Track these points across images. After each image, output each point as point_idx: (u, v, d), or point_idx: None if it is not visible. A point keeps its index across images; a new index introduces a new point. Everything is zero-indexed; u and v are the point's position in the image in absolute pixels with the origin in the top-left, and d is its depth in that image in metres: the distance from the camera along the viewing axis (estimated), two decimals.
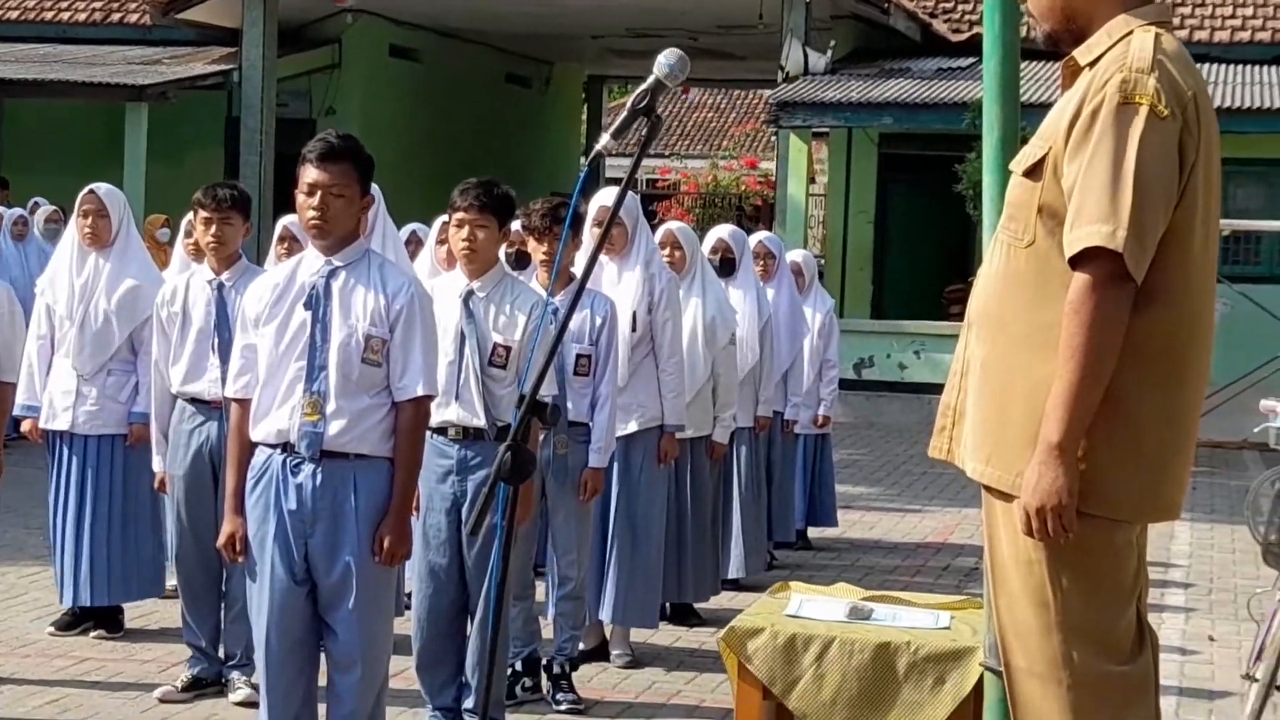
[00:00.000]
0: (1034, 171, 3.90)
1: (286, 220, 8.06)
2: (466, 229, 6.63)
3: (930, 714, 4.97)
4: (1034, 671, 3.92)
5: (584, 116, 33.23)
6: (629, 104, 4.06)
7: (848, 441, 17.10)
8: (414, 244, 9.63)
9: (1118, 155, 3.72)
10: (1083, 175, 3.75)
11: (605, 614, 8.10)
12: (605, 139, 4.06)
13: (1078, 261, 3.74)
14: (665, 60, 4.03)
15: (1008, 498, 3.89)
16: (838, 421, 13.69)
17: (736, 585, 9.78)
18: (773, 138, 25.18)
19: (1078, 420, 3.73)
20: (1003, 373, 3.92)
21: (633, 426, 8.06)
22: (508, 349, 6.61)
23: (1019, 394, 3.87)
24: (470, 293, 6.67)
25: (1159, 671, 4.05)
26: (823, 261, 21.96)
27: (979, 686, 4.64)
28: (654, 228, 8.91)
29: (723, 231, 10.18)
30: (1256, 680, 6.35)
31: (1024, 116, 4.41)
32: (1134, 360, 3.79)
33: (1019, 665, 3.96)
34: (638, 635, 8.36)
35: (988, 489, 3.97)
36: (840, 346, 12.21)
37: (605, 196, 8.23)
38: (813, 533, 11.64)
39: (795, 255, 11.64)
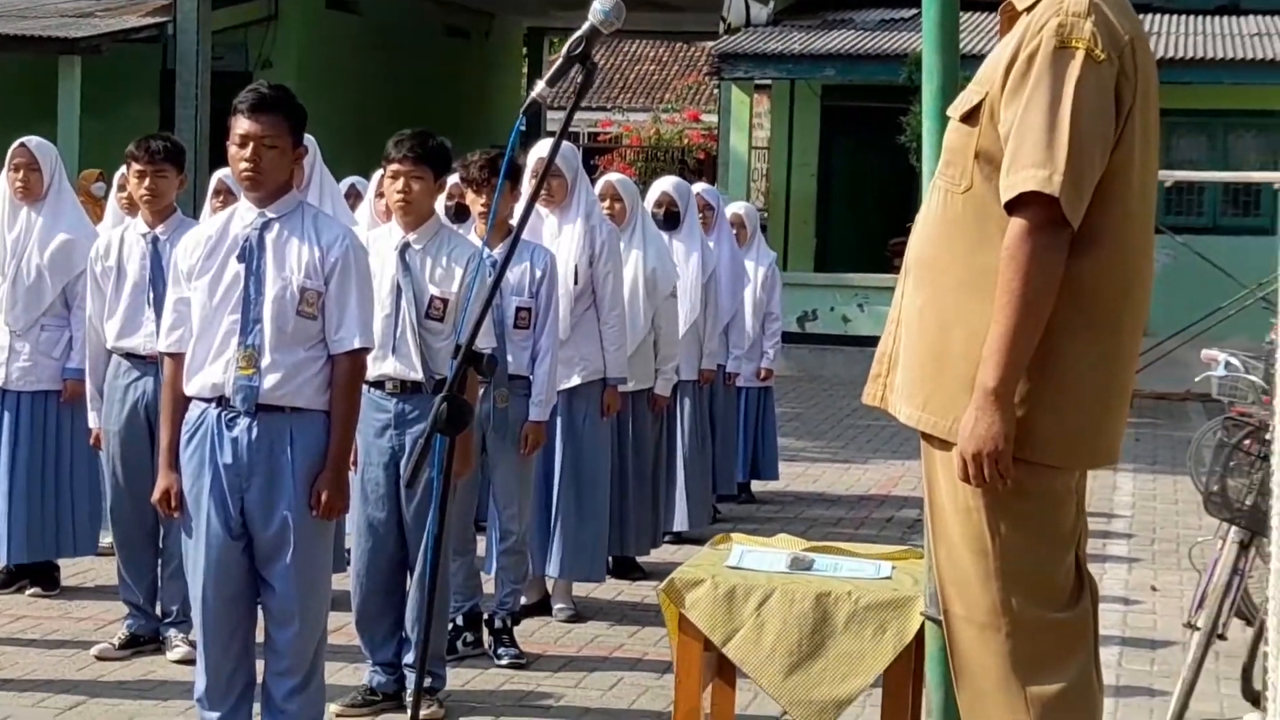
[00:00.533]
0: (971, 117, 3.87)
1: (221, 173, 7.98)
2: (401, 181, 6.57)
3: (871, 663, 4.95)
4: (973, 619, 3.91)
5: (525, 69, 33.07)
6: (564, 51, 4.00)
7: (791, 394, 17.12)
8: (353, 197, 9.56)
9: (1054, 100, 3.70)
10: (1019, 120, 3.73)
11: (552, 568, 8.07)
12: (540, 86, 4.00)
13: (1014, 206, 3.72)
14: (600, 6, 3.97)
15: (946, 445, 3.87)
16: (781, 374, 13.69)
17: (680, 538, 9.77)
18: (715, 90, 25.12)
19: (1014, 365, 3.71)
20: (940, 319, 3.89)
21: (575, 380, 8.04)
22: (445, 301, 6.55)
23: (956, 340, 3.85)
24: (406, 245, 6.61)
25: (1098, 618, 4.04)
26: (766, 215, 21.93)
27: (920, 636, 4.63)
28: (595, 181, 8.87)
29: (666, 184, 10.13)
30: (1198, 629, 6.37)
31: (964, 67, 4.38)
32: (1070, 306, 3.77)
33: (958, 613, 3.94)
34: (580, 589, 8.34)
35: (925, 436, 3.95)
36: (783, 299, 12.21)
37: (544, 148, 8.16)
38: (756, 486, 11.64)
39: (736, 208, 11.61)
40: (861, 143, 22.16)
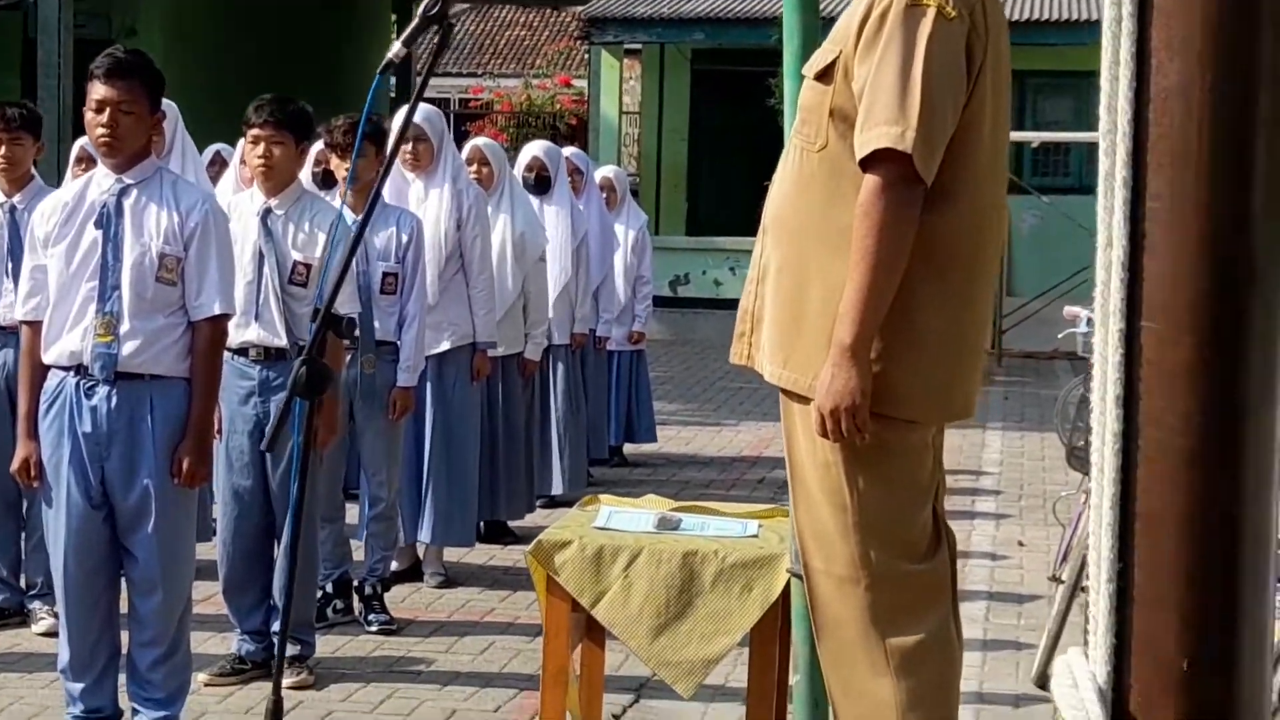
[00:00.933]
0: (825, 75, 3.89)
1: (82, 141, 7.85)
2: (262, 146, 6.51)
3: (738, 621, 4.98)
4: (832, 573, 3.94)
5: (394, 34, 32.84)
6: (419, 11, 3.97)
7: (664, 358, 17.17)
8: (219, 164, 9.47)
9: (906, 57, 3.73)
10: (872, 78, 3.75)
11: (423, 534, 8.06)
12: (396, 47, 3.97)
13: (868, 164, 3.75)
14: None
15: (805, 401, 3.90)
16: (654, 338, 13.74)
17: (554, 502, 9.78)
18: (585, 55, 25.09)
19: (870, 322, 3.75)
20: (798, 276, 3.92)
21: (444, 345, 8.01)
22: (308, 267, 6.51)
23: (814, 297, 3.88)
24: (268, 211, 6.56)
25: (956, 571, 4.09)
26: (637, 180, 21.96)
27: (786, 592, 4.67)
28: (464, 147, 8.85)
29: (536, 149, 10.11)
30: (1062, 582, 6.46)
31: (826, 28, 4.39)
32: (923, 262, 3.80)
33: (817, 567, 3.98)
34: (452, 555, 8.33)
35: (785, 392, 3.98)
36: (655, 263, 12.22)
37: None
38: (629, 449, 11.67)
39: (606, 171, 11.62)
40: (732, 107, 22.22)
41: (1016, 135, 18.36)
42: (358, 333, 6.89)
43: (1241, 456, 1.51)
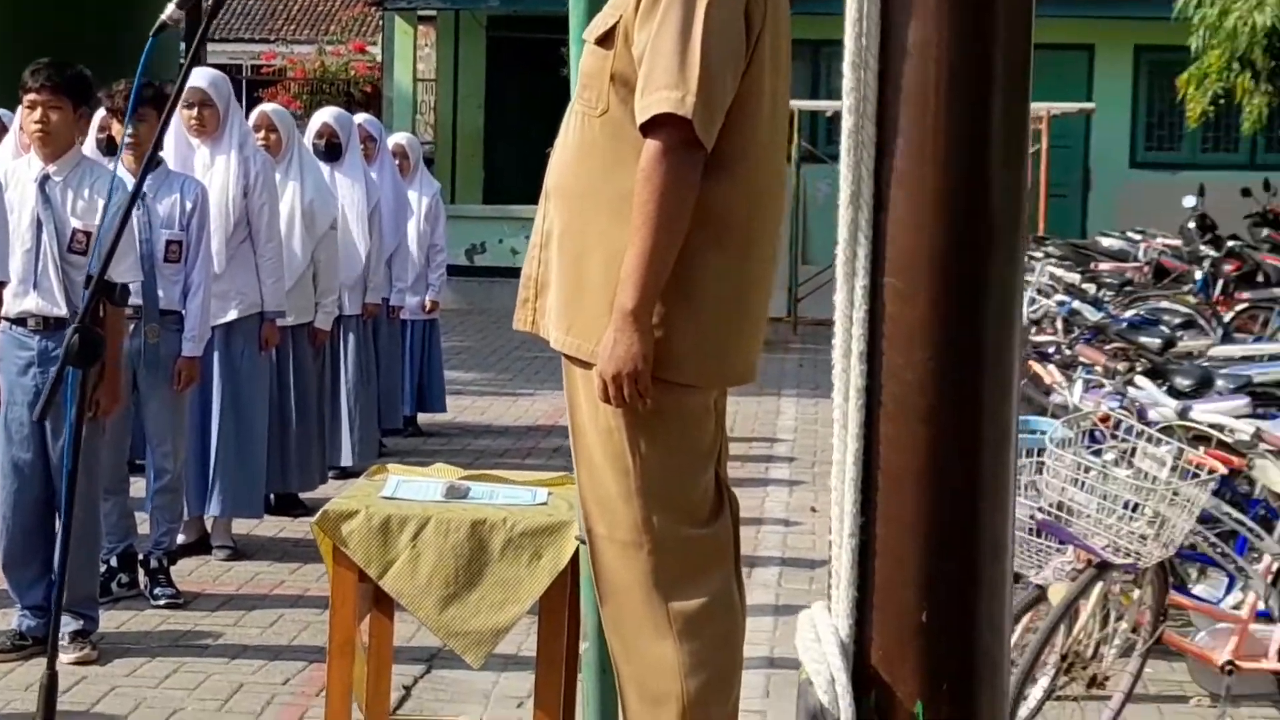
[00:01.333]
0: (606, 40, 3.89)
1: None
2: (39, 111, 6.37)
3: (527, 589, 4.97)
4: (615, 538, 3.94)
5: None
6: None
7: (460, 328, 17.09)
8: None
9: (686, 22, 3.73)
10: (652, 42, 3.75)
11: (212, 507, 7.95)
12: (170, 9, 3.90)
13: (648, 128, 3.75)
14: None
15: (587, 366, 3.89)
16: (449, 308, 13.67)
17: (346, 473, 9.69)
18: (380, 21, 24.86)
19: (651, 287, 3.75)
20: (580, 242, 3.91)
21: (232, 314, 7.92)
22: (88, 235, 6.38)
23: (596, 263, 3.87)
24: (46, 177, 6.42)
25: (739, 534, 4.11)
26: (433, 148, 21.81)
27: (576, 560, 4.67)
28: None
29: (327, 115, 10.00)
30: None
31: None
32: (703, 228, 3.81)
33: (600, 532, 3.98)
34: (241, 527, 8.23)
35: (569, 358, 3.98)
36: (451, 232, 12.16)
37: (199, 77, 7.98)
38: (423, 418, 11.61)
39: (399, 138, 11.54)
40: (529, 74, 22.14)
41: (812, 104, 18.53)
42: (134, 300, 6.77)
43: (980, 412, 1.53)
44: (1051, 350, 8.52)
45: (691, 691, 3.89)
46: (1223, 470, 5.90)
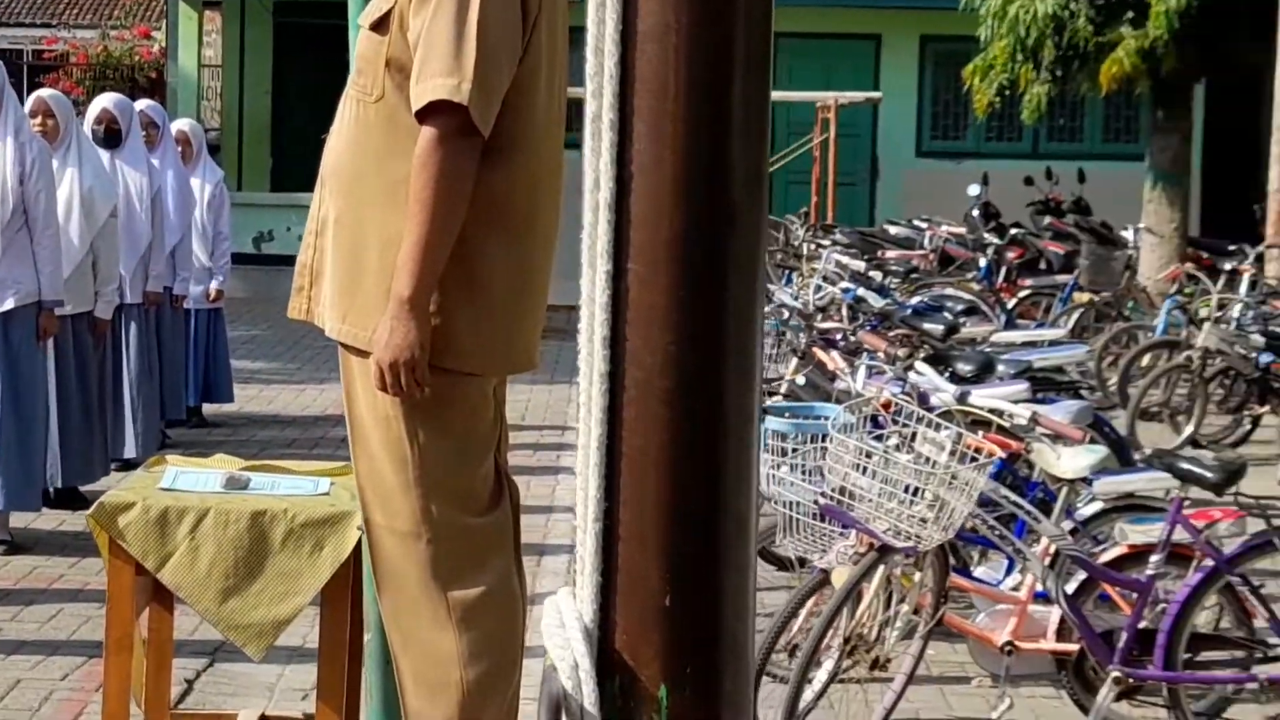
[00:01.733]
0: (381, 25, 3.86)
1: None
2: None
3: (309, 581, 4.91)
4: (394, 528, 3.92)
5: None
6: None
7: (247, 316, 16.88)
8: None
9: (460, 9, 3.71)
10: (427, 28, 3.73)
11: None
12: None
13: (424, 115, 3.73)
14: None
15: (364, 355, 3.87)
16: (236, 297, 13.49)
17: (129, 465, 9.52)
18: (164, 6, 24.47)
19: (428, 274, 3.73)
20: (356, 229, 3.88)
21: (9, 304, 7.76)
22: None
23: (372, 250, 3.85)
24: None
25: (519, 523, 4.10)
26: (219, 135, 21.52)
27: (359, 550, 4.62)
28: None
29: (106, 101, 9.82)
30: None
31: None
32: (481, 215, 3.80)
33: (379, 522, 3.96)
34: (19, 520, 8.06)
35: (345, 347, 3.95)
36: (238, 220, 12.01)
37: None
38: (208, 409, 11.45)
39: (181, 125, 11.36)
40: (316, 60, 21.88)
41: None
42: None
43: (722, 395, 1.53)
44: (838, 337, 8.62)
45: (471, 681, 3.88)
46: (1001, 454, 6.01)
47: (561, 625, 1.56)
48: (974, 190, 17.67)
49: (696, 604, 1.54)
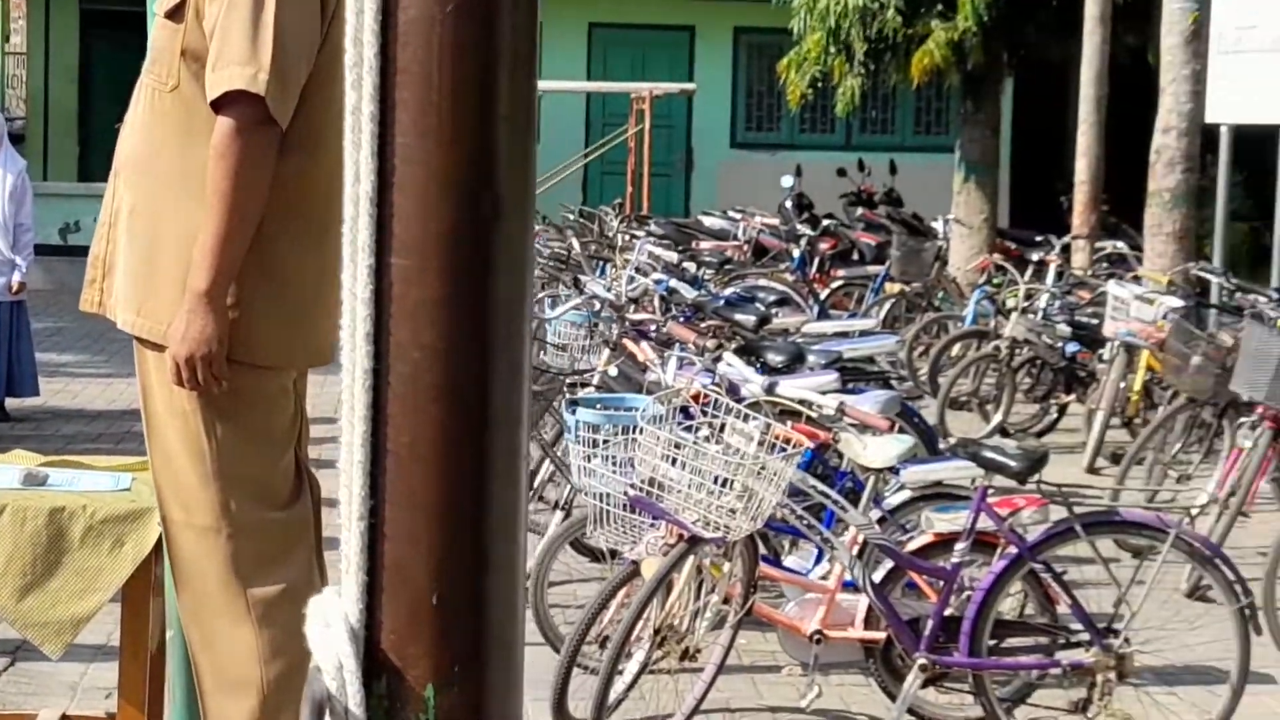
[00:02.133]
0: (176, 14, 3.81)
1: None
2: None
3: (109, 578, 4.83)
4: (193, 523, 3.87)
5: None
6: None
7: (53, 309, 16.55)
8: None
9: None
10: (223, 17, 3.68)
11: None
12: None
13: (220, 105, 3.68)
14: None
15: (160, 348, 3.81)
16: (40, 289, 13.23)
17: None
18: None
19: (226, 267, 3.68)
20: (151, 220, 3.82)
21: None
22: None
23: (168, 242, 3.79)
24: None
25: (320, 517, 4.06)
26: (23, 123, 21.11)
27: (160, 546, 4.55)
28: None
29: None
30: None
31: None
32: (280, 208, 3.76)
33: (177, 518, 3.90)
34: None
35: (140, 341, 3.88)
36: (44, 210, 11.77)
37: None
38: (11, 404, 11.21)
39: None
40: (124, 48, 21.55)
41: None
42: None
43: (489, 390, 1.52)
44: (650, 329, 8.64)
45: (271, 678, 3.83)
46: (809, 444, 6.05)
47: (327, 626, 1.54)
48: (787, 182, 17.81)
49: (464, 602, 1.52)
